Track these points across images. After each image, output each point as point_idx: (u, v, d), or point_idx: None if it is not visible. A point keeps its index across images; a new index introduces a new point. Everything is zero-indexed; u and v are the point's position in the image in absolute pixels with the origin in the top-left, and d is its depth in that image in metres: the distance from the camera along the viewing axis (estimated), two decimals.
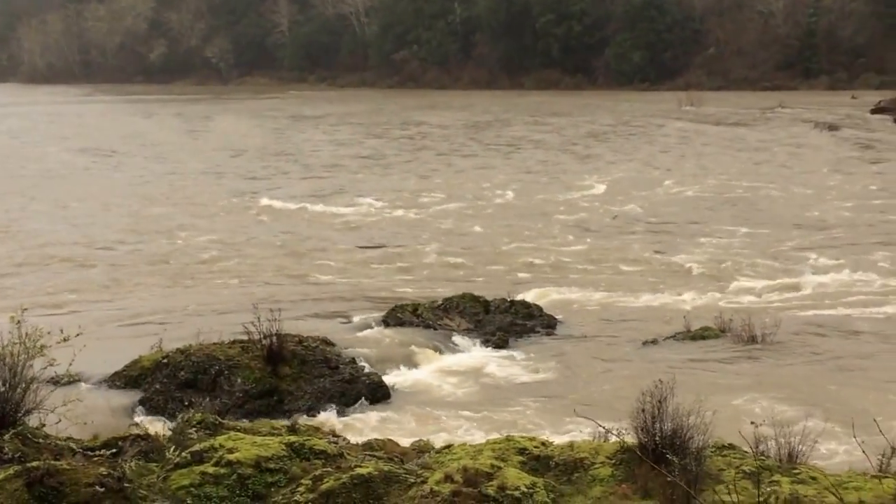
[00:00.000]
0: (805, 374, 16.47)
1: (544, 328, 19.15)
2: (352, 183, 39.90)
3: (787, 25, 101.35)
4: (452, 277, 23.81)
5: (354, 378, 15.30)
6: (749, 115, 68.17)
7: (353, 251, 26.99)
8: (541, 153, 49.21)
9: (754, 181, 38.48)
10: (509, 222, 31.03)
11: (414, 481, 9.07)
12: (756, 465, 9.44)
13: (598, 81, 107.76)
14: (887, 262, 24.73)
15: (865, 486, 8.86)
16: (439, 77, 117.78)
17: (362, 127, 66.27)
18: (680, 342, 18.05)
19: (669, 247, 27.24)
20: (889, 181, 38.16)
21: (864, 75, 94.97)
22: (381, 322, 18.81)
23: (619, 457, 9.59)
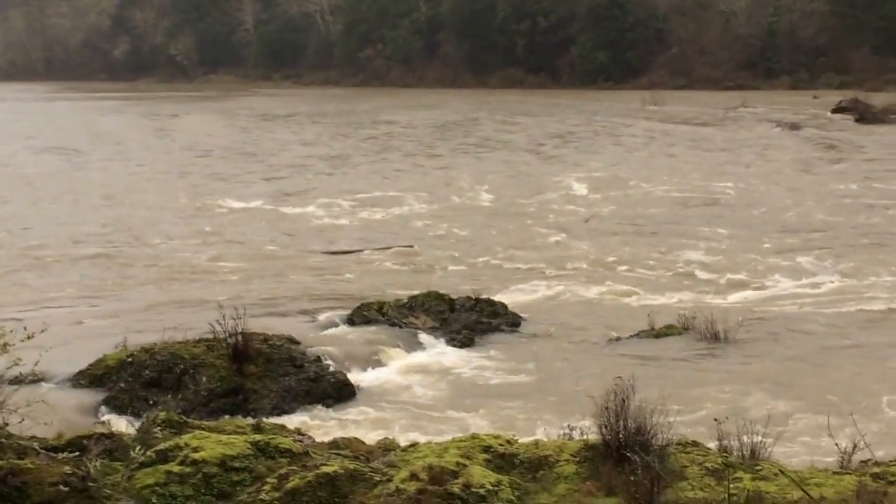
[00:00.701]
0: (767, 372, 16.59)
1: (509, 326, 19.22)
2: (319, 183, 39.71)
3: (749, 25, 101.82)
4: (419, 277, 23.80)
5: (320, 376, 15.30)
6: (713, 115, 68.37)
7: (320, 251, 26.92)
8: (511, 153, 49.09)
9: (722, 181, 38.54)
10: (480, 222, 30.97)
11: (379, 480, 9.09)
12: (719, 461, 9.51)
13: (562, 80, 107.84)
14: (852, 263, 24.90)
15: (827, 483, 8.95)
16: (404, 75, 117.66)
17: (331, 126, 65.83)
18: (643, 340, 18.15)
19: (637, 246, 27.31)
20: (854, 181, 38.36)
21: (825, 75, 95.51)
22: (347, 320, 18.80)
23: (583, 454, 9.65)
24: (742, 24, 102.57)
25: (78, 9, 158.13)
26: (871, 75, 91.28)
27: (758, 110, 70.53)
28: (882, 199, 34.10)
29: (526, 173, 41.83)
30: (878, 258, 25.27)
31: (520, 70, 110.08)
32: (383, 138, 57.51)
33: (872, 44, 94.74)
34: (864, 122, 60.87)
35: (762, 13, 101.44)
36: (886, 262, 24.73)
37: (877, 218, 30.69)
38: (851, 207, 32.76)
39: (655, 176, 40.10)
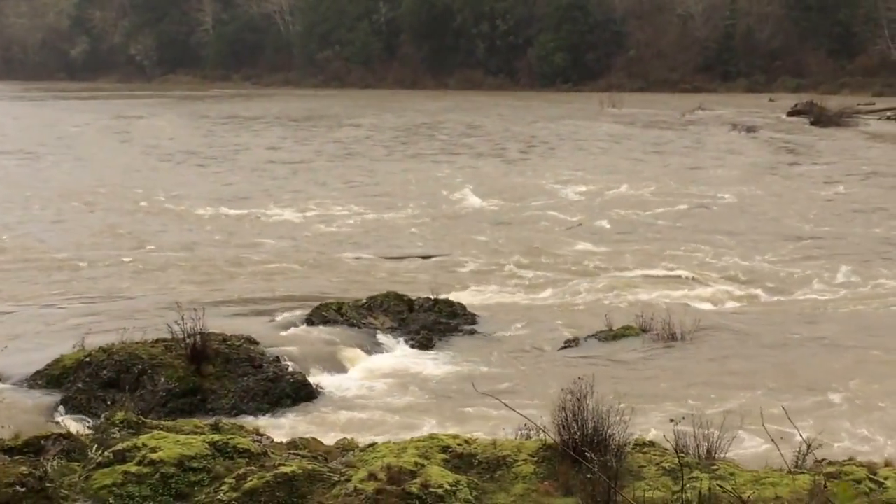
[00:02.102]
0: (724, 372, 16.70)
1: (468, 327, 19.24)
2: (283, 186, 39.48)
3: (706, 28, 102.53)
4: (380, 278, 23.77)
5: (278, 377, 15.27)
6: (671, 118, 68.78)
7: (282, 254, 26.82)
8: (481, 157, 48.87)
9: (696, 186, 38.66)
10: (450, 225, 30.92)
11: (338, 480, 9.11)
12: (676, 461, 9.58)
13: (521, 82, 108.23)
14: (814, 263, 25.12)
15: (781, 482, 9.03)
16: (364, 77, 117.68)
17: (296, 129, 65.37)
18: (601, 341, 18.21)
19: (598, 247, 27.43)
20: (815, 186, 38.65)
21: (781, 78, 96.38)
22: (306, 321, 18.78)
23: (541, 454, 9.69)
24: (699, 27, 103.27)
25: (37, 8, 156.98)
26: (827, 78, 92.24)
27: (715, 113, 71.04)
28: (867, 203, 34.23)
29: (502, 177, 41.47)
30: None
31: (479, 72, 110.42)
32: (349, 141, 57.05)
33: (828, 47, 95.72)
34: (819, 125, 61.49)
35: (719, 16, 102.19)
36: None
37: (875, 228, 30.63)
38: (818, 211, 32.93)
39: (629, 180, 40.10)
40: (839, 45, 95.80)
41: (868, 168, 42.88)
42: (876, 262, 24.99)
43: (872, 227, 29.87)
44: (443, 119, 70.35)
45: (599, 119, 68.53)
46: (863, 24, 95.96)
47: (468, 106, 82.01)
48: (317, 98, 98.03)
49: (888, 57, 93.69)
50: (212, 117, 73.74)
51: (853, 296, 21.93)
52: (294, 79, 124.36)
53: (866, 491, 9.10)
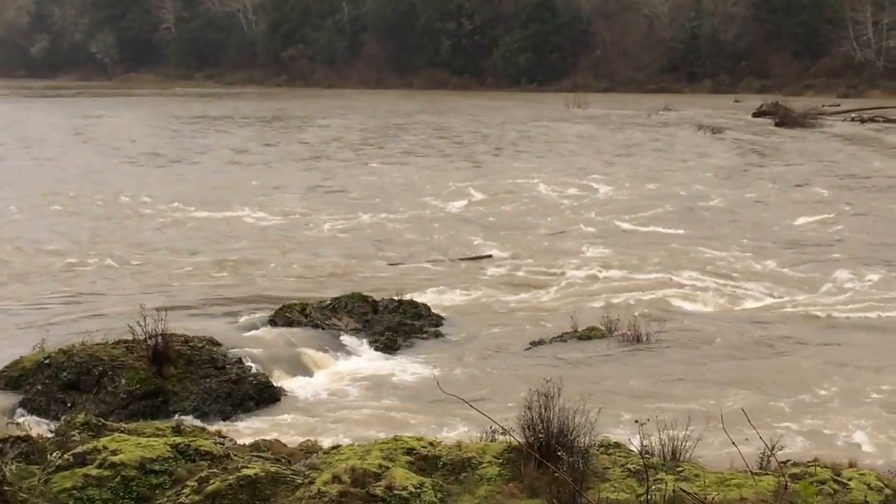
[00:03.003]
0: (690, 373, 16.73)
1: (433, 328, 19.18)
2: (249, 188, 39.11)
3: (672, 29, 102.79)
4: (346, 279, 23.65)
5: (241, 378, 15.16)
6: (638, 119, 68.92)
7: (247, 255, 26.65)
8: (454, 158, 48.61)
9: (673, 186, 38.67)
10: (422, 226, 30.77)
11: (301, 482, 9.04)
12: (641, 463, 9.56)
13: (487, 82, 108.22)
14: (781, 264, 25.18)
15: (746, 484, 9.03)
16: (328, 76, 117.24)
17: (263, 130, 64.81)
18: (567, 342, 18.20)
19: (569, 247, 27.43)
20: (788, 188, 38.77)
21: (746, 79, 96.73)
22: (269, 322, 18.66)
23: (506, 456, 9.65)
24: (665, 28, 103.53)
25: None
26: (791, 80, 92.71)
27: (681, 113, 71.27)
28: (838, 206, 34.38)
29: (474, 179, 40.88)
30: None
31: (444, 71, 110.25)
32: (316, 143, 56.41)
33: (792, 49, 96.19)
34: (784, 126, 61.74)
35: (684, 17, 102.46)
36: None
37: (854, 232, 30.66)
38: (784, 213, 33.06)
39: (604, 181, 40.06)
40: (804, 46, 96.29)
41: (839, 170, 42.96)
42: (853, 266, 24.99)
43: (849, 231, 29.83)
44: (411, 120, 70.10)
45: (568, 120, 68.50)
46: (827, 25, 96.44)
47: (435, 106, 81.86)
48: (282, 97, 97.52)
49: (852, 58, 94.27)
50: (177, 117, 73.15)
51: (827, 300, 21.94)
52: (257, 77, 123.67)
53: (831, 492, 9.11)
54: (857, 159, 46.75)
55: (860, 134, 58.51)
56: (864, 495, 9.03)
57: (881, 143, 53.75)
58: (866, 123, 64.29)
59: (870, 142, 54.10)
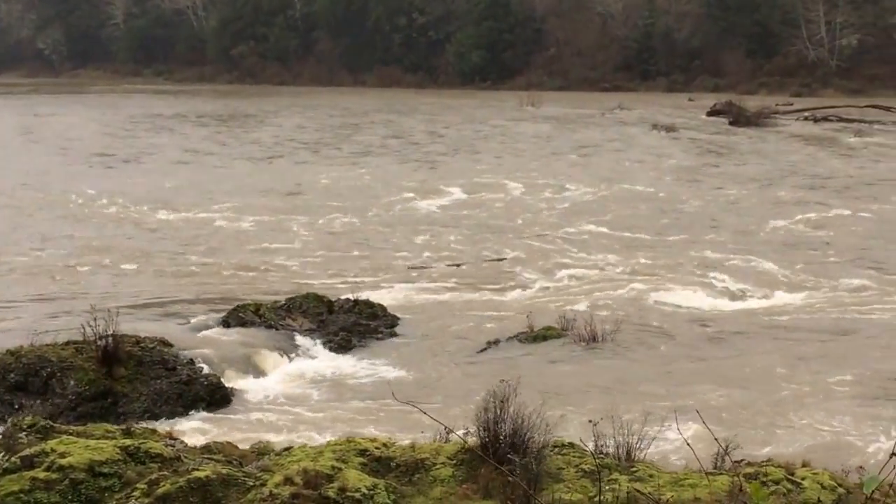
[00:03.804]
0: (644, 373, 16.74)
1: (388, 328, 19.11)
2: (202, 188, 38.72)
3: (626, 27, 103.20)
4: (301, 280, 23.52)
5: (193, 379, 15.01)
6: (592, 118, 69.09)
7: (199, 256, 26.43)
8: (404, 159, 48.44)
9: (639, 185, 38.76)
10: (380, 227, 30.60)
11: (253, 484, 8.95)
12: (595, 463, 9.53)
13: (440, 80, 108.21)
14: (736, 264, 25.28)
15: (700, 483, 9.02)
16: (279, 73, 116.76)
17: (216, 128, 64.28)
18: (522, 342, 18.17)
19: (527, 247, 27.41)
20: (750, 187, 38.94)
21: (700, 78, 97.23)
22: (222, 322, 18.51)
23: (460, 457, 9.60)
24: (619, 26, 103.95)
25: None
26: (745, 78, 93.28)
27: (635, 112, 71.46)
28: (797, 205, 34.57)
29: (433, 179, 40.57)
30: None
31: (397, 69, 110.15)
32: (271, 143, 55.85)
33: (746, 47, 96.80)
34: (738, 126, 62.07)
35: (638, 15, 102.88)
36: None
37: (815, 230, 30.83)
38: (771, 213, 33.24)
39: (566, 179, 40.07)
40: (757, 45, 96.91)
41: (803, 171, 43.15)
42: (814, 265, 25.15)
43: (824, 231, 29.93)
44: (368, 119, 69.83)
45: (524, 119, 68.51)
46: (781, 24, 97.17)
47: (391, 105, 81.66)
48: (237, 95, 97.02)
49: (805, 58, 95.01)
50: (131, 116, 72.50)
51: (786, 298, 22.05)
52: (208, 74, 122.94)
53: (784, 491, 9.11)
54: (817, 160, 46.96)
55: (815, 133, 58.88)
56: (818, 495, 9.04)
57: (837, 142, 54.10)
58: (820, 122, 64.70)
59: (827, 142, 54.44)
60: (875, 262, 25.40)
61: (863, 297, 21.95)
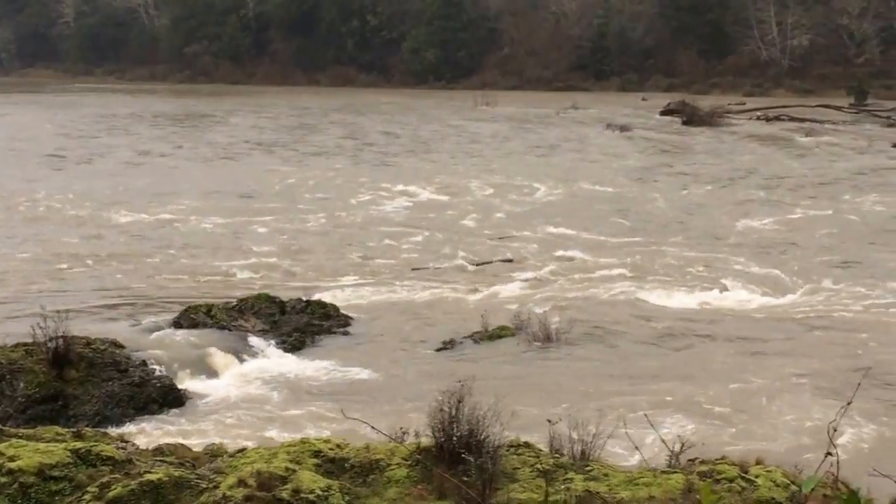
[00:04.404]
0: (598, 371, 16.78)
1: (341, 328, 19.05)
2: (156, 189, 38.40)
3: (580, 26, 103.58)
4: (255, 281, 23.37)
5: (145, 381, 14.88)
6: (547, 117, 69.24)
7: (151, 256, 26.20)
8: (362, 160, 48.19)
9: (601, 185, 38.78)
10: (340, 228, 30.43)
11: (206, 486, 8.86)
12: (551, 462, 9.51)
13: (394, 79, 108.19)
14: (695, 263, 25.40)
15: (655, 482, 9.02)
16: (232, 72, 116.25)
17: (171, 128, 63.62)
18: (477, 342, 18.17)
19: (473, 247, 27.40)
20: (698, 184, 39.19)
21: (653, 77, 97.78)
22: (174, 324, 18.36)
23: (415, 457, 9.55)
24: (572, 26, 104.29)
25: None
26: (698, 78, 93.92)
27: (589, 112, 71.74)
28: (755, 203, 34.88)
29: (391, 180, 40.28)
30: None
31: (351, 68, 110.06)
32: (226, 143, 55.19)
33: (699, 47, 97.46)
34: (691, 125, 62.45)
35: (592, 15, 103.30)
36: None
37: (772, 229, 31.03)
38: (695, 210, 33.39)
39: (524, 179, 40.09)
40: (710, 45, 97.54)
41: (762, 170, 43.35)
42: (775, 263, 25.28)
43: (773, 229, 30.19)
44: (324, 120, 69.51)
45: (480, 119, 68.52)
46: (733, 24, 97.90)
47: (346, 104, 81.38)
48: (190, 94, 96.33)
49: (758, 57, 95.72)
50: (83, 115, 71.78)
51: (747, 296, 22.15)
52: (159, 73, 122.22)
53: (738, 489, 9.13)
54: (772, 159, 47.20)
55: (768, 133, 59.28)
56: (771, 492, 9.06)
57: (790, 142, 54.50)
58: (772, 122, 65.25)
59: (780, 141, 54.83)
60: (836, 260, 25.56)
61: (823, 295, 22.09)
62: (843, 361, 17.20)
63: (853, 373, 15.92)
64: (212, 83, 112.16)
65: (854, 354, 17.73)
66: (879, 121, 64.45)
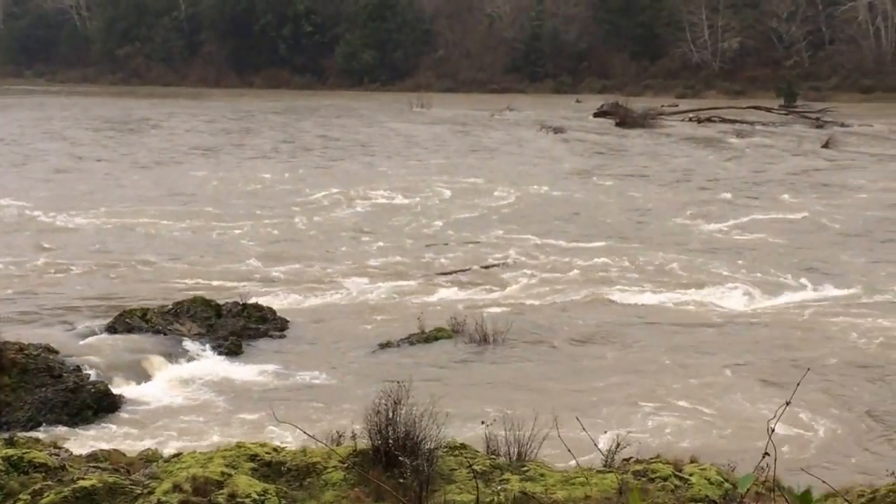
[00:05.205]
0: (531, 374, 16.84)
1: (278, 331, 18.96)
2: (88, 193, 37.98)
3: (514, 29, 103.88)
4: (191, 284, 23.18)
5: (79, 387, 14.73)
6: (483, 119, 69.33)
7: (87, 262, 25.88)
8: (298, 162, 47.86)
9: (515, 187, 38.71)
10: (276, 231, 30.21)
11: (140, 492, 8.80)
12: (487, 463, 9.55)
13: (329, 81, 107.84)
14: (624, 260, 25.52)
15: (591, 482, 9.07)
16: (165, 74, 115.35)
17: (107, 132, 62.58)
18: (414, 345, 18.17)
19: (409, 248, 27.39)
20: (639, 186, 39.39)
21: (587, 79, 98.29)
22: (108, 328, 18.19)
23: (352, 460, 9.55)
24: (506, 28, 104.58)
25: None
26: (631, 80, 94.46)
27: (524, 114, 71.91)
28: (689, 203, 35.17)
29: (329, 183, 40.02)
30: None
31: (285, 70, 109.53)
32: (162, 147, 54.51)
33: (632, 49, 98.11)
34: (625, 127, 62.84)
35: (526, 17, 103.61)
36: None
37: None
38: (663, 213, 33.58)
39: (462, 180, 40.10)
40: (643, 47, 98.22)
41: (701, 171, 43.63)
42: (704, 262, 25.48)
43: (716, 229, 30.43)
44: (261, 122, 68.89)
45: (418, 121, 68.44)
46: (665, 27, 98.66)
47: (284, 107, 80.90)
48: (126, 96, 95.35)
49: (690, 60, 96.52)
50: (15, 118, 70.70)
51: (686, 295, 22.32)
52: (91, 76, 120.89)
53: (672, 488, 9.22)
54: (708, 162, 47.42)
55: (700, 134, 59.79)
56: (705, 490, 9.16)
57: (725, 144, 54.92)
58: (704, 123, 65.81)
59: (715, 143, 55.27)
60: (785, 262, 25.76)
61: (768, 295, 22.31)
62: (784, 360, 17.40)
63: (794, 370, 16.16)
64: (145, 85, 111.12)
65: (796, 354, 17.90)
66: (808, 122, 65.30)
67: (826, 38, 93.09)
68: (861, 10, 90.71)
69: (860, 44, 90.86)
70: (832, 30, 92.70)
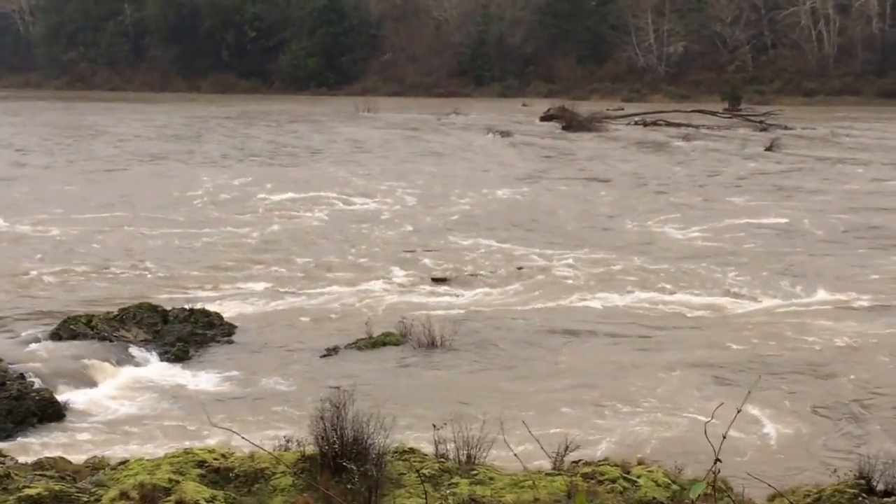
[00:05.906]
0: (481, 377, 16.85)
1: (226, 337, 18.86)
2: (30, 199, 37.56)
3: (460, 33, 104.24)
4: (130, 292, 22.99)
5: (23, 394, 14.56)
6: (429, 123, 69.38)
7: (24, 266, 25.67)
8: (249, 167, 47.53)
9: (475, 191, 38.76)
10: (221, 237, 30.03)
11: (87, 500, 8.76)
12: (436, 467, 9.56)
13: (275, 85, 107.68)
14: (581, 264, 25.60)
15: (540, 485, 9.11)
16: (110, 79, 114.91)
17: (54, 138, 61.98)
18: (361, 349, 18.14)
19: (361, 254, 27.34)
20: (587, 189, 39.60)
21: (533, 83, 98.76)
22: (52, 335, 18.00)
23: (300, 466, 9.54)
24: (453, 32, 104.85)
25: None
26: (577, 84, 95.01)
27: (471, 118, 72.11)
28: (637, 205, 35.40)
29: (278, 187, 39.97)
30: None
31: (231, 75, 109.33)
32: (108, 154, 54.28)
33: (578, 53, 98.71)
34: (571, 130, 63.15)
35: (472, 21, 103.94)
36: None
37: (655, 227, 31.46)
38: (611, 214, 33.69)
39: (413, 185, 40.04)
40: (589, 51, 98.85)
41: (651, 175, 43.83)
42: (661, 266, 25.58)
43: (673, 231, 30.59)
44: (211, 128, 68.54)
45: (366, 126, 68.34)
46: (611, 31, 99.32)
47: (231, 112, 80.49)
48: (73, 101, 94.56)
49: (635, 64, 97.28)
50: None
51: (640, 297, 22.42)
52: (35, 80, 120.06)
53: (621, 490, 9.27)
54: (656, 165, 47.46)
55: (646, 138, 60.16)
56: (652, 492, 9.22)
57: (671, 147, 55.26)
58: (649, 127, 66.27)
59: (662, 147, 55.63)
60: (734, 262, 25.90)
61: (725, 296, 22.41)
62: (739, 361, 17.49)
63: (749, 373, 16.30)
64: (90, 90, 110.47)
65: (753, 354, 18.01)
66: (753, 125, 65.93)
67: (769, 42, 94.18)
68: (803, 14, 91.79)
69: (803, 48, 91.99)
70: (775, 34, 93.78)
